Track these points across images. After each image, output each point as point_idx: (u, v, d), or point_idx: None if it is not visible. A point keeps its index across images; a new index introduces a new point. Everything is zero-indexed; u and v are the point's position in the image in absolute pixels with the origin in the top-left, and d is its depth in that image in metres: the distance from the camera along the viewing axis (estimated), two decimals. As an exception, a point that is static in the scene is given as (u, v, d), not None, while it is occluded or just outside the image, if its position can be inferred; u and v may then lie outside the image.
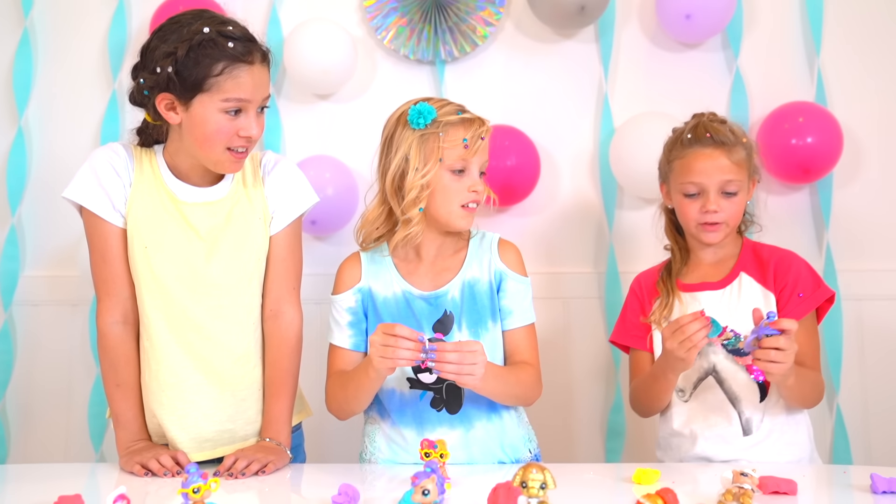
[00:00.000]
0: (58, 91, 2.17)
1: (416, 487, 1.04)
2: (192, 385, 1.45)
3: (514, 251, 1.55)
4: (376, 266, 1.53)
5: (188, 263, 1.45)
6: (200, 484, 1.04)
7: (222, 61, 1.37)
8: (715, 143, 1.53)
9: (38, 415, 2.12)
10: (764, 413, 1.49)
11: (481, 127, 1.48)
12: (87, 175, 1.45)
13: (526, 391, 1.50)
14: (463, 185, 1.47)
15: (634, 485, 1.28)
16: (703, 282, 1.57)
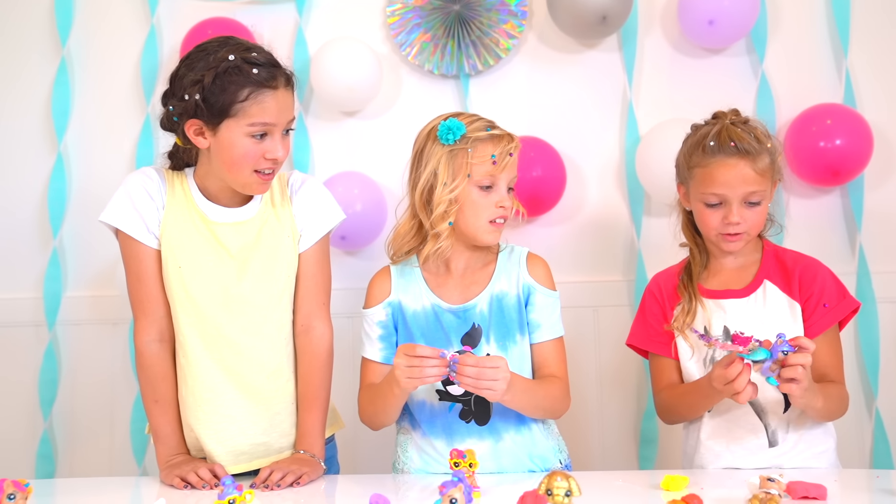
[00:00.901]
0: (94, 117, 2.24)
1: (443, 496, 1.06)
2: (228, 400, 1.49)
3: (542, 265, 1.56)
4: (406, 280, 1.55)
5: (220, 282, 1.49)
6: (236, 495, 1.07)
7: (247, 87, 1.42)
8: (739, 153, 1.47)
9: (83, 431, 2.18)
10: (789, 424, 1.47)
11: (510, 143, 1.49)
12: (122, 199, 1.50)
13: (554, 404, 1.50)
14: (490, 200, 1.49)
15: (663, 491, 1.29)
16: (726, 289, 1.54)
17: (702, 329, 1.52)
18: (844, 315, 1.50)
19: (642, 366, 2.09)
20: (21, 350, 2.19)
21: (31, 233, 2.23)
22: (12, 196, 2.23)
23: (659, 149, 2.01)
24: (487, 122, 1.52)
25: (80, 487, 1.51)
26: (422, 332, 1.51)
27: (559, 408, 1.51)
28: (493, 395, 1.35)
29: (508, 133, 1.51)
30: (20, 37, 2.25)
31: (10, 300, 2.21)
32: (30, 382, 2.17)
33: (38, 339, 2.18)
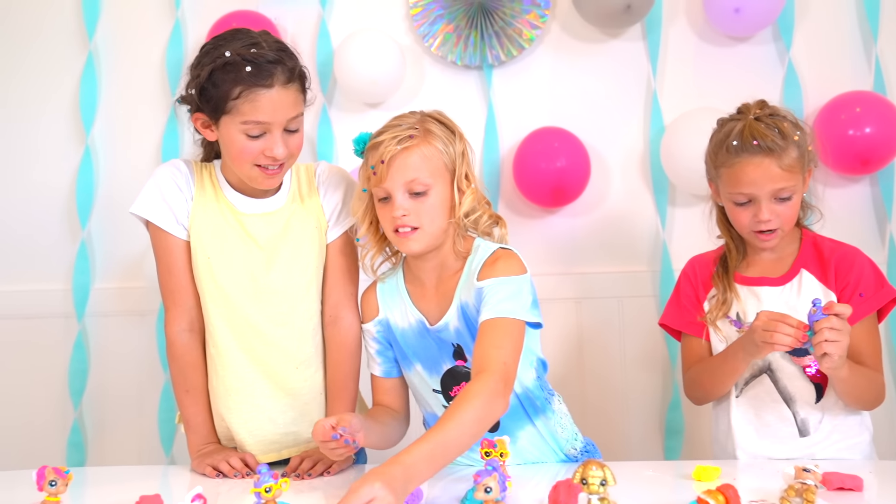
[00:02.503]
0: (121, 111, 2.26)
1: (478, 485, 1.06)
2: (257, 389, 1.50)
3: (498, 263, 1.37)
4: (390, 296, 1.48)
5: (248, 272, 1.49)
6: (272, 483, 1.08)
7: (239, 85, 1.39)
8: (763, 151, 1.43)
9: (112, 421, 2.21)
10: (823, 414, 1.46)
11: (387, 147, 1.35)
12: (152, 191, 1.50)
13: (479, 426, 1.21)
14: (388, 210, 1.37)
15: (694, 481, 1.29)
16: (762, 276, 1.52)
17: (735, 316, 1.52)
18: (882, 304, 1.48)
19: (668, 356, 2.09)
20: (51, 341, 2.22)
21: (60, 225, 2.26)
22: (42, 189, 2.26)
23: (684, 138, 2.01)
24: (395, 123, 1.40)
25: (111, 476, 1.52)
26: (412, 351, 1.45)
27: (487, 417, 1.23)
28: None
29: (394, 135, 1.36)
30: (48, 32, 2.27)
31: (41, 292, 2.24)
32: (60, 373, 2.21)
33: (68, 331, 2.21)
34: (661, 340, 2.09)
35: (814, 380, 1.46)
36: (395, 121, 1.42)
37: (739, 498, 1.10)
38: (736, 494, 1.09)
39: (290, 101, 1.42)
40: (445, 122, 1.43)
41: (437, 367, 1.43)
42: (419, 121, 1.41)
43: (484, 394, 1.22)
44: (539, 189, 2.06)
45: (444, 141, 1.39)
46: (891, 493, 1.26)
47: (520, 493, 1.21)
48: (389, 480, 1.07)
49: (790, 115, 1.49)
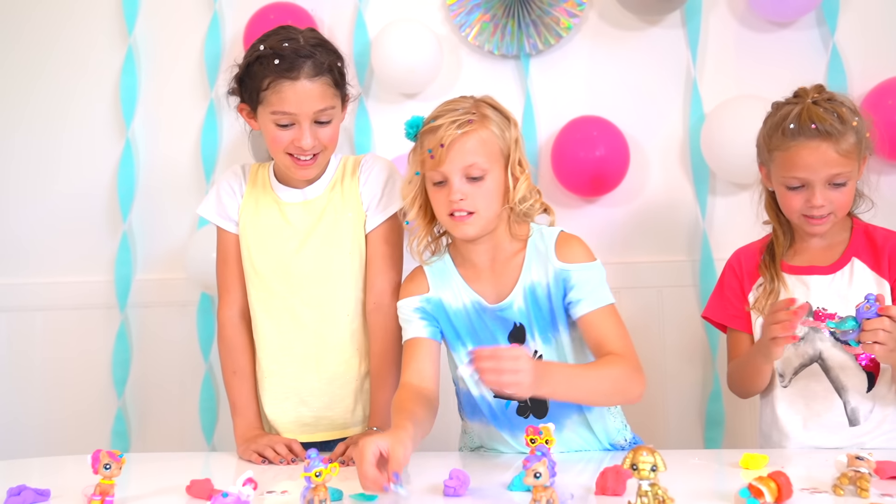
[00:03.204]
0: (160, 104, 2.29)
1: (527, 470, 1.06)
2: (289, 372, 1.55)
3: (574, 243, 1.42)
4: (442, 277, 1.47)
5: (280, 255, 1.56)
6: (322, 468, 1.09)
7: (268, 77, 1.48)
8: (821, 135, 1.41)
9: (155, 409, 2.25)
10: (874, 403, 1.44)
11: (447, 131, 1.36)
12: (211, 194, 1.66)
13: (617, 385, 1.34)
14: (444, 195, 1.38)
15: (742, 470, 1.27)
16: (811, 265, 1.50)
17: None
18: None
19: (708, 347, 2.07)
20: (95, 331, 2.26)
21: (101, 218, 2.29)
22: (84, 182, 2.30)
23: (725, 126, 1.98)
24: (451, 108, 1.40)
25: (157, 462, 1.55)
26: (466, 331, 1.45)
27: (627, 388, 1.34)
28: (521, 389, 1.19)
29: (453, 120, 1.36)
30: (89, 26, 2.31)
31: (84, 283, 2.28)
32: (104, 362, 2.24)
33: (111, 321, 2.25)
34: (701, 330, 2.07)
35: (866, 369, 1.44)
36: (449, 105, 1.42)
37: (791, 485, 1.09)
38: (788, 482, 1.08)
39: (317, 93, 1.48)
40: (500, 108, 1.44)
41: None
42: (474, 105, 1.42)
43: (629, 367, 1.33)
44: (578, 178, 2.05)
45: (499, 126, 1.41)
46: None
47: (565, 480, 1.20)
48: (535, 366, 1.20)
49: (848, 101, 1.47)
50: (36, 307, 2.28)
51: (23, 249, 2.31)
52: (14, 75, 2.33)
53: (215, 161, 2.23)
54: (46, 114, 2.32)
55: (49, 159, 2.32)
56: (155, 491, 1.26)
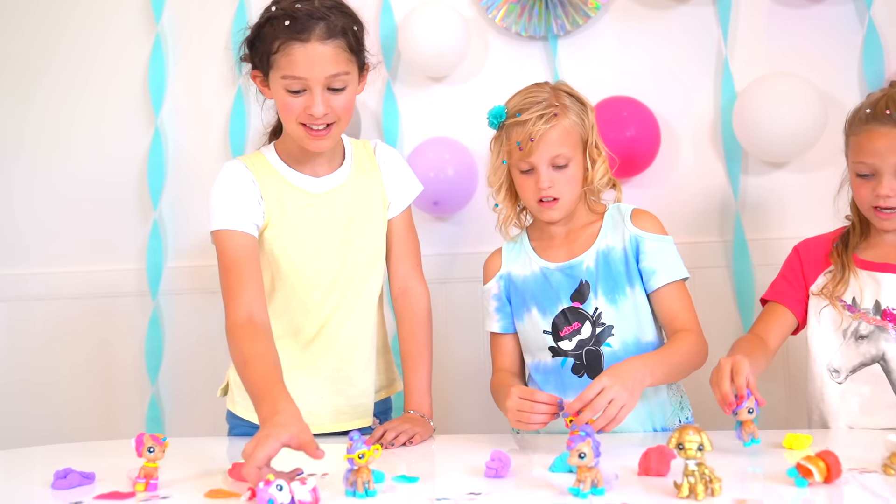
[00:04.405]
0: (188, 92, 2.30)
1: (571, 451, 1.06)
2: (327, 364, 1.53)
3: (649, 216, 1.54)
4: (515, 252, 1.59)
5: (326, 249, 1.51)
6: (364, 450, 1.09)
7: (278, 39, 1.40)
8: (893, 121, 1.39)
9: (188, 395, 2.27)
10: None
11: (535, 125, 1.44)
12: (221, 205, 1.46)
13: (692, 360, 1.46)
14: (532, 182, 1.48)
15: (785, 450, 1.26)
16: (885, 262, 1.47)
17: (850, 300, 1.47)
18: None
19: (741, 328, 2.05)
20: (127, 319, 2.29)
21: (132, 206, 2.31)
22: (115, 171, 2.31)
23: (758, 104, 1.95)
24: (533, 101, 1.47)
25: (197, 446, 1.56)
26: (532, 295, 1.53)
27: (698, 361, 1.47)
28: (629, 408, 1.27)
29: (540, 114, 1.45)
30: (117, 16, 2.32)
31: (116, 271, 2.30)
32: (137, 350, 2.27)
33: (143, 309, 2.27)
34: (734, 312, 2.06)
35: None
36: (530, 96, 1.50)
37: (840, 465, 1.08)
38: (837, 461, 1.07)
39: (329, 57, 1.40)
40: (576, 95, 1.52)
41: (553, 308, 1.50)
42: (554, 95, 1.49)
43: (699, 341, 1.47)
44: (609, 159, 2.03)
45: (578, 114, 1.49)
46: None
47: (609, 461, 1.20)
48: (620, 377, 1.28)
49: None
50: (70, 296, 2.31)
51: (54, 238, 2.34)
52: (42, 66, 2.34)
53: (243, 147, 2.24)
54: (76, 103, 2.33)
55: (79, 149, 2.33)
56: (197, 474, 1.27)
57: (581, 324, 1.48)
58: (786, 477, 1.07)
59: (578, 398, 1.27)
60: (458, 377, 2.08)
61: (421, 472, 1.22)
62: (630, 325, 1.49)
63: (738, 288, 2.04)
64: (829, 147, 1.93)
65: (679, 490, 1.03)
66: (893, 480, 1.08)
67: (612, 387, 1.27)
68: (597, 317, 1.48)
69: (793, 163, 2.05)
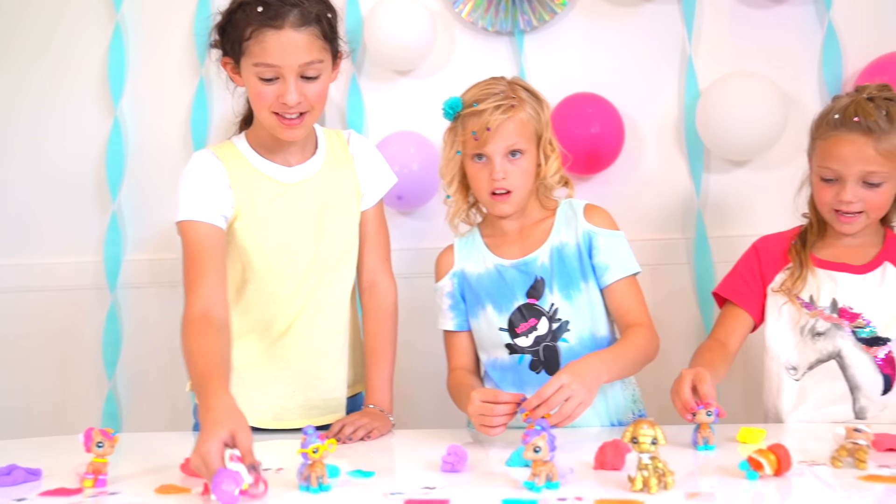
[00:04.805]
0: (149, 82, 2.25)
1: (526, 445, 1.06)
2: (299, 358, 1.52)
3: (601, 212, 1.55)
4: (468, 248, 1.58)
5: (298, 240, 1.50)
6: (319, 444, 1.08)
7: (251, 25, 1.37)
8: (862, 130, 1.39)
9: (146, 390, 2.23)
10: (885, 407, 1.43)
11: (492, 115, 1.45)
12: (188, 195, 1.45)
13: (646, 355, 1.48)
14: (485, 173, 1.48)
15: (739, 444, 1.28)
16: (842, 262, 1.49)
17: (807, 297, 1.49)
18: None
19: (702, 325, 2.07)
20: (85, 313, 2.24)
21: (90, 198, 2.26)
22: (72, 162, 2.26)
23: (720, 103, 1.97)
24: (490, 92, 1.48)
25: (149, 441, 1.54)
26: (487, 293, 1.53)
27: (650, 355, 1.48)
28: (587, 404, 1.29)
29: (497, 104, 1.45)
30: (75, 3, 2.26)
31: (73, 264, 2.25)
32: (94, 344, 2.22)
33: (101, 302, 2.22)
34: (695, 308, 2.08)
35: (883, 370, 1.44)
36: (486, 88, 1.50)
37: (790, 457, 1.09)
38: (787, 454, 1.09)
39: (303, 44, 1.39)
40: (531, 90, 1.52)
41: (508, 305, 1.50)
42: (511, 88, 1.49)
43: (651, 335, 1.48)
44: (572, 156, 2.02)
45: (534, 108, 1.49)
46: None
47: (565, 455, 1.20)
48: (579, 375, 1.29)
49: None
50: (26, 288, 2.25)
51: (10, 230, 2.28)
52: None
53: (205, 139, 2.20)
54: (34, 93, 2.28)
55: (35, 139, 2.28)
56: (148, 469, 1.25)
57: (537, 320, 1.49)
58: (738, 470, 1.08)
59: (536, 395, 1.28)
60: (419, 371, 2.07)
61: (377, 467, 1.21)
62: (585, 321, 1.49)
63: (700, 284, 2.06)
64: (789, 146, 1.95)
65: (632, 483, 1.04)
66: (841, 472, 1.10)
67: (570, 384, 1.28)
68: (553, 313, 1.49)
69: (754, 161, 2.07)
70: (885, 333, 1.43)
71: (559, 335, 1.48)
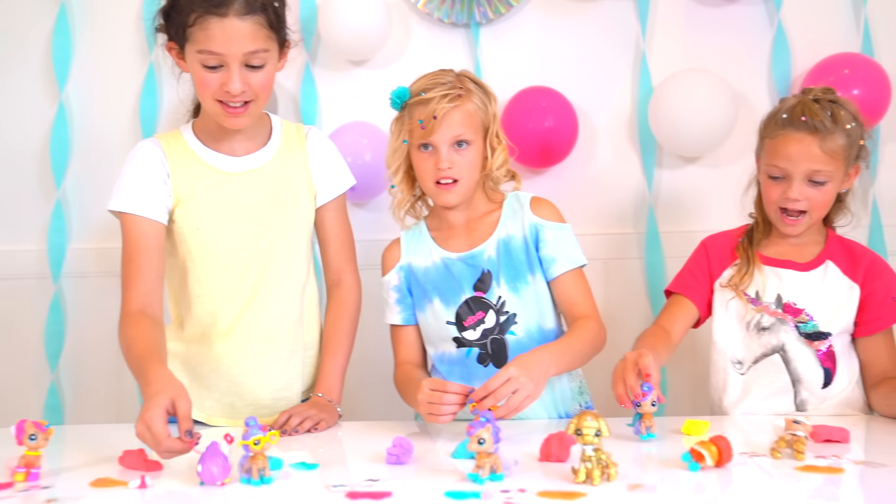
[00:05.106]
0: (96, 66, 2.19)
1: (471, 437, 1.05)
2: (247, 355, 1.48)
3: (547, 204, 1.55)
4: (414, 242, 1.57)
5: (241, 234, 1.47)
6: (260, 436, 1.06)
7: (194, 12, 1.36)
8: (809, 129, 1.43)
9: (90, 383, 2.17)
10: (824, 400, 1.47)
11: (439, 104, 1.45)
12: (126, 184, 1.45)
13: (594, 346, 1.48)
14: (431, 163, 1.47)
15: (683, 436, 1.29)
16: (787, 259, 1.52)
17: (753, 293, 1.52)
18: None
19: (652, 319, 2.07)
20: (26, 303, 2.17)
21: (34, 185, 2.19)
22: (15, 148, 2.19)
23: (672, 99, 1.99)
24: (438, 82, 1.48)
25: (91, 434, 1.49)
26: (434, 286, 1.52)
27: (598, 346, 1.49)
28: (534, 397, 1.29)
29: (444, 94, 1.46)
30: (17, -18, 2.19)
31: (15, 252, 2.18)
32: (36, 335, 2.16)
33: (44, 292, 2.16)
34: (645, 302, 2.10)
35: (824, 364, 1.47)
36: (434, 78, 1.50)
37: (732, 449, 1.10)
38: (728, 446, 1.10)
39: (247, 33, 1.37)
40: (480, 83, 1.52)
41: (455, 298, 1.50)
42: (458, 79, 1.49)
43: (598, 326, 1.49)
44: (526, 149, 2.02)
45: (481, 100, 1.49)
46: (873, 444, 1.28)
47: (511, 448, 1.20)
48: (527, 368, 1.28)
49: (851, 106, 1.49)
50: (-36, 277, 2.19)
51: (-51, 217, 2.20)
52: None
53: (155, 126, 2.15)
54: (-27, 74, 2.20)
55: (-24, 123, 2.21)
56: (86, 462, 1.21)
57: (485, 313, 1.49)
58: (681, 462, 1.09)
59: (484, 386, 1.28)
60: (369, 364, 2.05)
61: (322, 459, 1.20)
62: (532, 313, 1.50)
63: (650, 279, 2.08)
64: (739, 144, 1.98)
65: (576, 475, 1.04)
66: (780, 463, 1.12)
67: (517, 377, 1.27)
68: (500, 305, 1.49)
69: (705, 157, 2.10)
70: (827, 328, 1.46)
71: (507, 328, 1.48)
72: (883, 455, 1.18)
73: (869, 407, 1.48)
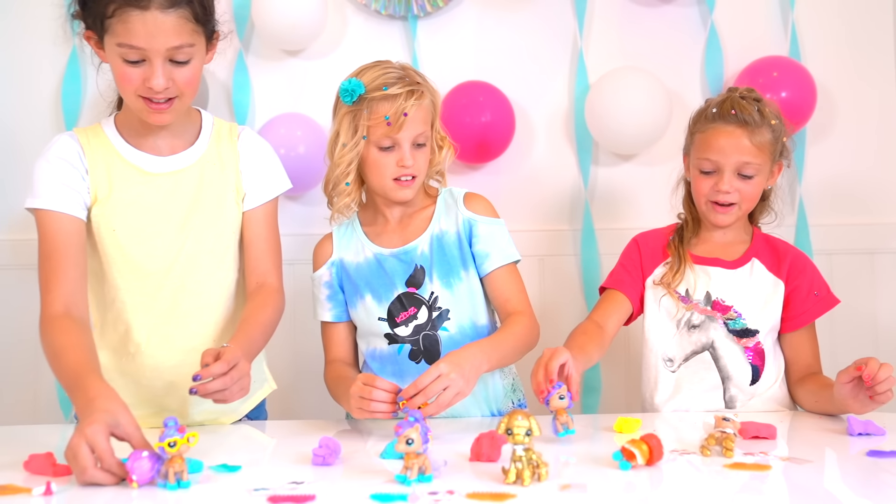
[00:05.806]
0: (13, 50, 2.08)
1: (399, 437, 1.02)
2: (169, 369, 1.41)
3: (481, 200, 1.53)
4: (346, 238, 1.54)
5: (161, 236, 1.39)
6: (177, 438, 1.01)
7: (113, 2, 1.26)
8: (738, 122, 1.47)
9: (7, 380, 2.07)
10: (752, 397, 1.49)
11: (407, 101, 1.42)
12: (43, 181, 1.36)
13: (527, 342, 1.46)
14: (392, 159, 1.44)
15: (616, 433, 1.29)
16: (716, 258, 1.55)
17: (683, 291, 1.53)
18: (832, 307, 1.52)
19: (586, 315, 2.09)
20: (-64, 297, 2.06)
21: (-55, 173, 2.08)
22: (-77, 132, 2.07)
23: (608, 97, 2.00)
24: (393, 77, 1.43)
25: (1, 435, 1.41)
26: (366, 283, 1.49)
27: (531, 343, 1.47)
28: (465, 393, 1.27)
29: (409, 90, 1.42)
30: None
31: (-76, 244, 2.06)
32: (-54, 331, 2.05)
33: (-45, 286, 2.05)
34: (580, 299, 2.10)
35: (752, 361, 1.50)
36: (386, 71, 1.44)
37: (662, 447, 1.10)
38: (659, 444, 1.10)
39: (171, 28, 1.28)
40: (425, 77, 1.49)
41: (387, 294, 1.48)
42: (409, 73, 1.46)
43: (531, 322, 1.47)
44: (462, 144, 1.97)
45: (433, 96, 1.48)
46: (798, 440, 1.31)
47: (441, 448, 1.18)
48: (458, 364, 1.27)
49: (773, 106, 1.54)
50: None
51: None
52: None
53: (78, 114, 2.06)
54: None
55: None
56: (-11, 467, 1.14)
57: (417, 309, 1.46)
58: (612, 460, 1.09)
59: (414, 384, 1.25)
60: (301, 361, 2.01)
61: (244, 460, 1.15)
62: (465, 309, 1.48)
63: (585, 275, 2.09)
64: (672, 143, 1.98)
65: (506, 476, 1.02)
66: (709, 460, 1.13)
67: (448, 373, 1.25)
68: (433, 301, 1.47)
69: (640, 155, 2.11)
70: (755, 325, 1.49)
71: (439, 324, 1.46)
72: (807, 451, 1.20)
73: (794, 403, 1.51)
